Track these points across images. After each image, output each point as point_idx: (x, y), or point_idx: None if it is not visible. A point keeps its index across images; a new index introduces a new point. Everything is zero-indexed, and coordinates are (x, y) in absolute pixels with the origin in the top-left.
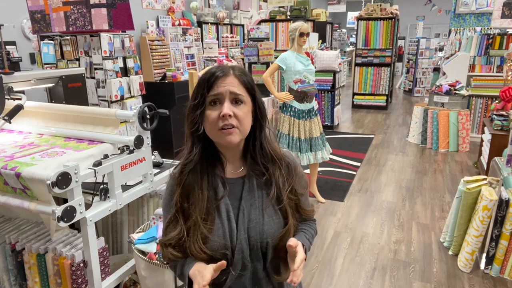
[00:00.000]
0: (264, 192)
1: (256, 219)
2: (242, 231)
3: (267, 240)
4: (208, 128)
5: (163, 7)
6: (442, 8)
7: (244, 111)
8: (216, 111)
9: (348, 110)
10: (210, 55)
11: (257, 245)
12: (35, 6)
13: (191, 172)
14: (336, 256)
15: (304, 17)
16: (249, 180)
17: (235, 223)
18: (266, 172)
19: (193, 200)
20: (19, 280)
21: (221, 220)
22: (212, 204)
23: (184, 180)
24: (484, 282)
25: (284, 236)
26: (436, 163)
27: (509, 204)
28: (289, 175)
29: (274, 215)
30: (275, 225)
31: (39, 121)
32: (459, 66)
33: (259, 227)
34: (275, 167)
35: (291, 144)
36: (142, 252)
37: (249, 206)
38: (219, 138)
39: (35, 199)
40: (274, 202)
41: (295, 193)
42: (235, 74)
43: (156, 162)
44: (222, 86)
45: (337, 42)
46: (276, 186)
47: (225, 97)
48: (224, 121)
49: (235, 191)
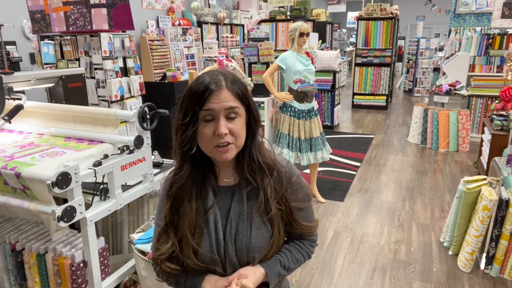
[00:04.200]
0: (253, 202)
1: (243, 232)
2: (229, 243)
3: (254, 254)
4: (202, 145)
5: (163, 7)
6: (442, 8)
7: (239, 124)
8: (210, 128)
9: (348, 110)
10: (210, 55)
11: (244, 258)
12: (35, 6)
13: (181, 186)
14: (336, 256)
15: (304, 17)
16: (239, 189)
17: (222, 235)
18: (254, 181)
19: (182, 212)
20: (19, 280)
21: (208, 231)
22: (201, 215)
23: (173, 194)
24: (484, 282)
25: (270, 249)
26: (436, 163)
27: (509, 204)
28: (279, 184)
29: (262, 227)
30: (263, 238)
31: (39, 121)
32: (459, 66)
33: (246, 240)
34: (263, 175)
35: (291, 144)
36: (142, 252)
37: (237, 217)
38: (215, 155)
39: (35, 199)
40: (263, 212)
41: (285, 203)
42: (228, 87)
43: (156, 162)
44: (216, 102)
45: (337, 42)
46: (264, 194)
47: (220, 114)
48: (219, 139)
49: (225, 200)
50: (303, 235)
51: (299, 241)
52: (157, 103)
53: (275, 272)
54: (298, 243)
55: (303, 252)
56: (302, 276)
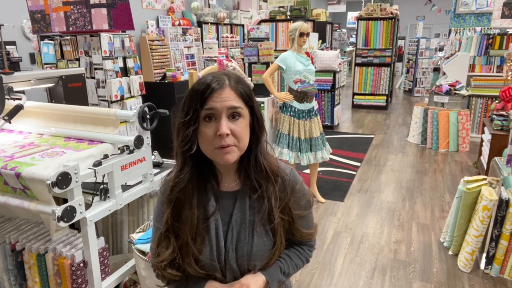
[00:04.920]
0: (255, 211)
1: (245, 240)
2: (230, 251)
3: (255, 262)
4: (202, 146)
5: (163, 7)
6: (442, 8)
7: (242, 126)
8: (211, 128)
9: (348, 110)
10: (210, 55)
11: (244, 266)
12: (35, 6)
13: (181, 190)
14: (336, 256)
15: (304, 17)
16: (242, 196)
17: (223, 242)
18: (259, 188)
19: (184, 218)
20: (19, 280)
21: (209, 238)
22: (202, 223)
23: (174, 198)
24: (484, 282)
25: (272, 257)
26: (436, 163)
27: (509, 204)
28: (283, 192)
29: (264, 236)
30: (264, 247)
31: (39, 121)
32: (459, 66)
33: (248, 248)
34: (268, 182)
35: (291, 144)
36: (142, 252)
37: (239, 225)
38: (215, 157)
39: (35, 199)
40: (266, 221)
41: (288, 212)
42: (231, 86)
43: (156, 162)
44: (218, 100)
45: (337, 42)
46: (268, 203)
47: (222, 113)
48: (221, 140)
49: (227, 206)
50: (303, 241)
51: (298, 247)
52: (157, 103)
53: (276, 279)
54: (298, 249)
55: (302, 257)
56: (302, 276)
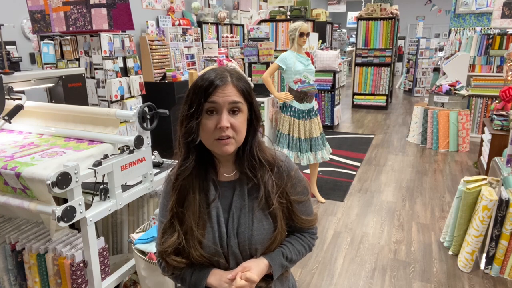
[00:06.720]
0: (254, 197)
1: (245, 224)
2: (232, 236)
3: (256, 246)
4: (203, 137)
5: (163, 7)
6: (442, 8)
7: (241, 120)
8: (213, 120)
9: (348, 110)
10: (210, 55)
11: (246, 250)
12: (35, 6)
13: (186, 178)
14: (336, 256)
15: (304, 17)
16: (240, 184)
17: (224, 228)
18: (254, 177)
19: (187, 204)
20: (19, 280)
21: (211, 224)
22: (204, 208)
23: (179, 185)
24: (484, 282)
25: (274, 241)
26: (436, 163)
27: (509, 204)
28: (279, 178)
29: (264, 220)
30: (264, 231)
31: (39, 121)
32: (459, 66)
33: (248, 232)
34: (264, 171)
35: (291, 144)
36: (142, 252)
37: (239, 211)
38: (215, 148)
39: (35, 199)
40: (264, 206)
41: (286, 196)
42: (233, 83)
43: (156, 162)
44: (220, 96)
45: (337, 42)
46: (264, 189)
47: (223, 108)
48: (221, 132)
49: (227, 194)
50: (303, 229)
51: (300, 234)
52: (157, 103)
53: (279, 263)
54: (299, 236)
55: (304, 244)
56: (302, 276)
